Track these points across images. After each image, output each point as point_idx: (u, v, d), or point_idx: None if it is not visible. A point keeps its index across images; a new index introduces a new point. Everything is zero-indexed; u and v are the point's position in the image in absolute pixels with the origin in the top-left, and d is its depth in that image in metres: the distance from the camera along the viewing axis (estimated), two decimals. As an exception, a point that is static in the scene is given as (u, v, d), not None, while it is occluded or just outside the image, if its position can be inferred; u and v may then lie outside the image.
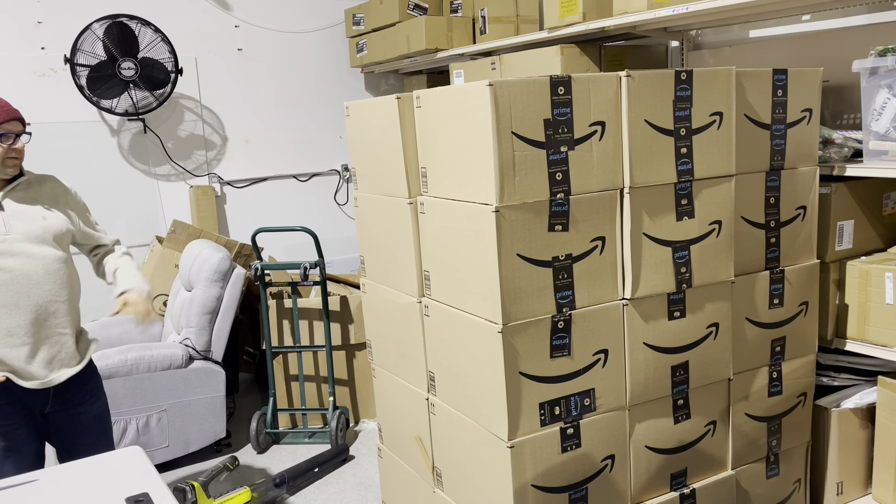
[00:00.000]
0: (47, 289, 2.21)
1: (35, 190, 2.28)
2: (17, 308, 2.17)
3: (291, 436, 3.80)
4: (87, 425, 2.38)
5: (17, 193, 2.24)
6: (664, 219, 2.07)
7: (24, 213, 2.22)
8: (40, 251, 2.21)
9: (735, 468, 2.35)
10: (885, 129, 2.32)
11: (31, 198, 2.26)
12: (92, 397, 2.39)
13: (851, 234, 2.54)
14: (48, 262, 2.22)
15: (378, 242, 2.46)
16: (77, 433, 2.36)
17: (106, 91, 4.12)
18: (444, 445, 2.27)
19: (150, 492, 1.61)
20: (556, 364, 1.97)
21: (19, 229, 2.19)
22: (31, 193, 2.27)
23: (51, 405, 2.30)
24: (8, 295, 2.15)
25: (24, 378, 2.20)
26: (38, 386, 2.22)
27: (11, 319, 2.16)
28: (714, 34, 3.50)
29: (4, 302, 2.15)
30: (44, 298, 2.21)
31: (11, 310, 2.16)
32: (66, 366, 2.27)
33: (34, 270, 2.19)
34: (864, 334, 2.47)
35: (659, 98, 2.01)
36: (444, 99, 2.01)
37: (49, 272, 2.22)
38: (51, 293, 2.22)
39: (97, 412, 2.41)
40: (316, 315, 3.79)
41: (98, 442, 2.40)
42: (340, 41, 5.13)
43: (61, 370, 2.26)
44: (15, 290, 2.16)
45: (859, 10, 2.88)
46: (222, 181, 4.82)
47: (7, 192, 2.22)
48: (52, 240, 2.24)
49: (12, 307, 2.16)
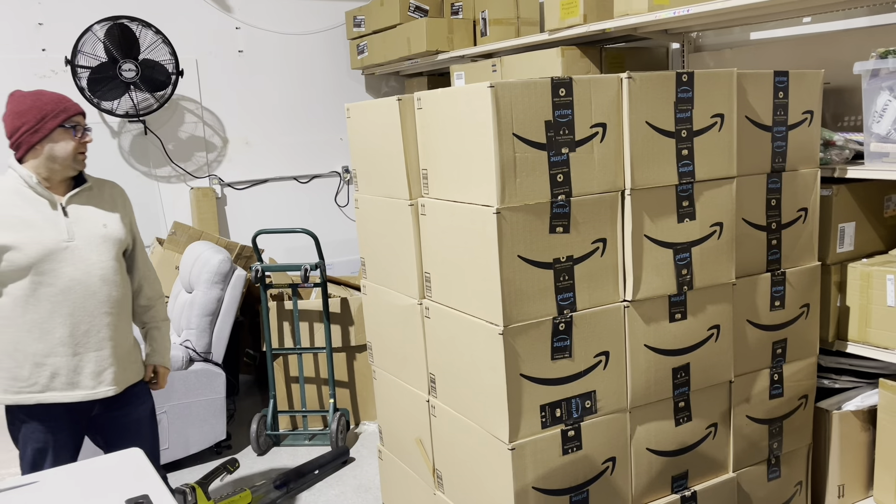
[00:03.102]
0: (102, 298, 2.17)
1: (97, 196, 2.25)
2: (71, 317, 2.13)
3: (292, 438, 3.80)
4: (129, 427, 2.33)
5: (81, 198, 2.20)
6: (665, 221, 2.07)
7: (86, 220, 2.18)
8: (99, 259, 2.17)
9: (736, 471, 2.35)
10: (886, 131, 2.32)
11: (94, 203, 2.22)
12: (137, 400, 2.35)
13: (853, 236, 2.54)
14: (106, 271, 2.18)
15: (379, 244, 2.46)
16: (119, 435, 2.32)
17: (107, 93, 4.12)
18: (444, 447, 2.27)
19: (151, 493, 1.61)
20: (557, 366, 1.97)
21: (82, 235, 2.16)
22: (93, 199, 2.23)
23: (96, 409, 2.27)
24: (65, 303, 2.12)
25: (71, 388, 2.17)
26: (84, 398, 2.19)
27: (65, 329, 2.13)
28: (715, 36, 3.50)
29: (60, 310, 2.12)
30: (98, 309, 2.17)
31: (66, 318, 2.13)
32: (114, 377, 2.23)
33: (91, 280, 2.15)
34: (865, 336, 2.46)
35: (660, 100, 2.01)
36: (445, 100, 2.01)
37: (106, 281, 2.18)
38: (105, 303, 2.18)
39: (139, 416, 2.36)
40: (316, 317, 3.79)
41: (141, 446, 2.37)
42: (341, 43, 5.13)
43: (111, 385, 2.22)
44: (72, 299, 2.13)
45: (860, 12, 2.88)
46: (223, 183, 4.82)
47: (71, 198, 2.18)
48: (111, 248, 2.20)
49: (67, 315, 2.13)
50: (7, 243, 2.07)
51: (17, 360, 2.14)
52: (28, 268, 2.09)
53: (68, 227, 2.14)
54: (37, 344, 2.13)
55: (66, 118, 2.12)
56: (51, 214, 2.14)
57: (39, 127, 2.10)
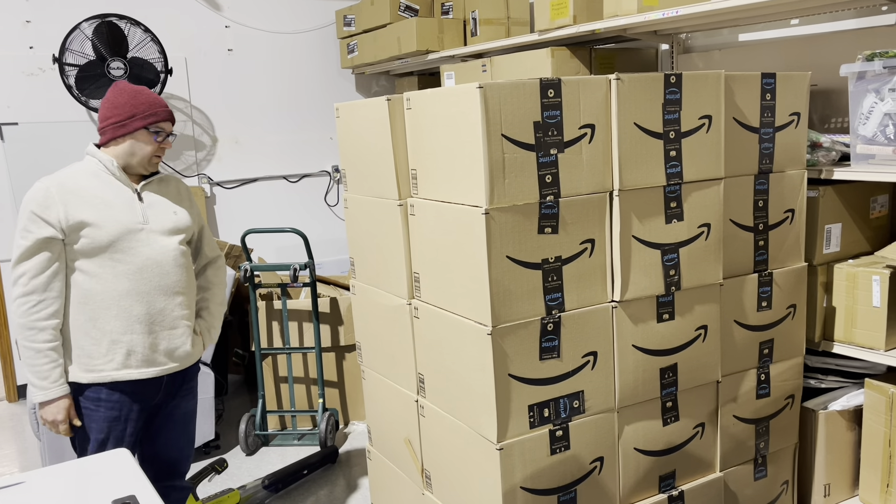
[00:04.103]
0: (175, 279, 2.25)
1: (165, 186, 2.34)
2: (147, 295, 2.20)
3: (281, 438, 3.79)
4: (176, 420, 2.40)
5: (154, 186, 2.30)
6: (653, 221, 2.08)
7: (159, 206, 2.27)
8: (171, 242, 2.25)
9: (723, 470, 2.36)
10: (872, 133, 2.33)
11: (163, 193, 2.31)
12: (190, 394, 2.43)
13: (839, 237, 2.55)
14: (177, 255, 2.26)
15: (368, 244, 2.46)
16: (164, 425, 2.38)
17: (95, 90, 4.10)
18: (433, 447, 2.27)
19: (137, 494, 1.61)
20: (546, 366, 1.97)
21: (155, 220, 2.24)
22: (163, 189, 2.32)
23: (162, 395, 2.32)
24: (142, 282, 2.19)
25: (146, 365, 2.22)
26: (157, 374, 2.25)
27: (141, 307, 2.20)
28: (704, 38, 3.52)
29: (137, 289, 2.19)
30: (171, 289, 2.25)
31: (142, 296, 2.19)
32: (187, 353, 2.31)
33: (166, 260, 2.23)
34: (851, 337, 2.48)
35: (648, 101, 2.02)
36: (434, 101, 2.01)
37: (178, 264, 2.26)
38: (178, 283, 2.26)
39: (187, 410, 2.43)
40: (305, 317, 3.78)
41: (179, 440, 2.43)
42: (331, 42, 5.12)
43: (179, 361, 2.30)
44: (147, 278, 2.20)
45: (847, 14, 2.90)
46: (212, 182, 4.81)
47: (145, 186, 2.27)
48: (181, 234, 2.29)
49: (143, 294, 2.19)
50: (88, 220, 2.13)
51: (95, 337, 2.18)
52: (107, 245, 2.15)
53: (143, 211, 2.23)
54: (115, 321, 2.18)
55: (153, 122, 2.21)
56: (128, 197, 2.22)
57: (127, 123, 2.19)
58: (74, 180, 2.18)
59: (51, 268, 2.13)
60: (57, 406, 2.15)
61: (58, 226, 2.11)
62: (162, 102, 2.26)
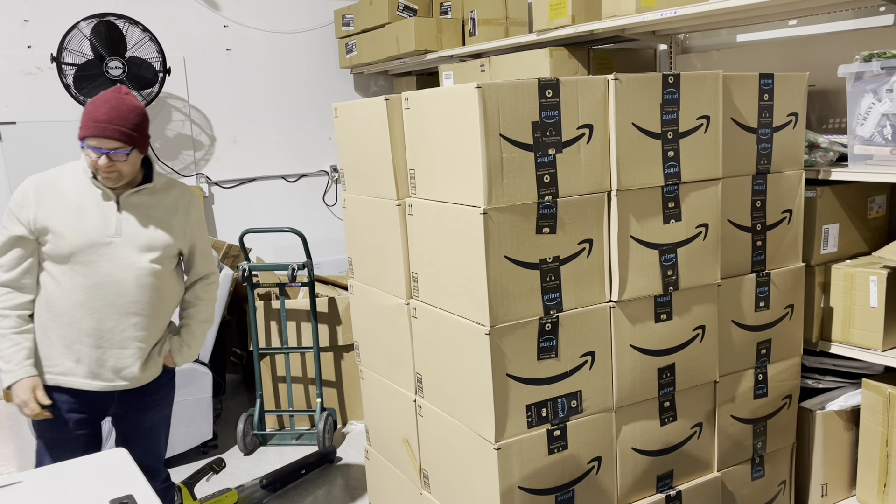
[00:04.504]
0: (132, 299, 2.16)
1: (158, 197, 2.23)
2: (99, 311, 2.14)
3: (279, 437, 3.79)
4: (143, 433, 2.36)
5: (139, 198, 2.20)
6: (651, 222, 2.08)
7: (138, 219, 2.18)
8: (140, 260, 2.16)
9: (721, 470, 2.36)
10: (869, 133, 2.34)
11: (149, 205, 2.21)
12: (156, 407, 2.36)
13: (836, 237, 2.56)
14: (142, 274, 2.17)
15: (366, 244, 2.46)
16: (132, 437, 2.35)
17: (93, 90, 4.09)
18: (431, 447, 2.27)
19: (135, 493, 1.61)
20: (543, 366, 1.98)
21: (129, 233, 2.16)
22: (151, 200, 2.22)
23: (116, 408, 2.28)
24: (95, 297, 2.13)
25: (93, 377, 2.19)
26: (103, 388, 2.20)
27: (91, 322, 2.15)
28: (702, 38, 3.52)
29: (89, 303, 2.14)
30: (126, 308, 2.16)
31: (94, 312, 2.14)
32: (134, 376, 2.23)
33: (126, 279, 2.15)
34: (848, 337, 2.48)
35: (646, 101, 2.02)
36: (432, 101, 2.01)
37: (140, 284, 2.17)
38: (135, 304, 2.17)
39: (156, 422, 2.38)
40: (304, 316, 3.78)
41: (150, 449, 2.39)
42: (330, 42, 5.12)
43: (127, 381, 2.23)
44: (101, 295, 2.14)
45: (845, 15, 2.91)
46: (210, 181, 4.80)
47: (130, 195, 2.18)
48: (156, 251, 2.19)
49: (95, 310, 2.14)
50: (52, 227, 2.11)
51: (49, 339, 2.18)
52: (68, 255, 2.12)
53: (118, 223, 2.15)
54: (66, 329, 2.16)
55: (82, 136, 2.09)
56: (105, 206, 2.15)
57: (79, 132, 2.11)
58: (58, 182, 2.14)
59: (23, 264, 2.13)
60: (21, 386, 2.13)
61: (28, 226, 2.11)
62: (101, 118, 2.07)
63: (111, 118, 2.07)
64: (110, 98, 2.10)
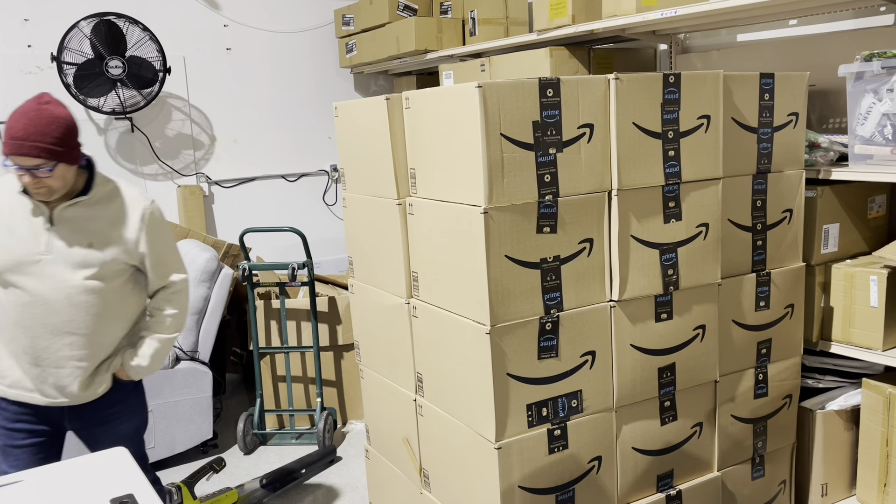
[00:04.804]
0: (65, 319, 2.06)
1: (97, 209, 2.08)
2: (32, 331, 2.07)
3: (279, 437, 3.79)
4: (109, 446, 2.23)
5: (74, 210, 2.06)
6: (652, 221, 2.08)
7: (71, 234, 2.04)
8: (72, 278, 2.04)
9: (721, 469, 2.36)
10: (870, 133, 2.34)
11: (86, 217, 2.06)
12: (118, 419, 2.25)
13: (837, 237, 2.56)
14: (75, 293, 2.05)
15: (366, 243, 2.46)
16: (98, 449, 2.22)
17: (93, 89, 4.09)
18: (431, 447, 2.27)
19: (136, 493, 1.61)
20: (544, 365, 1.98)
21: (60, 250, 2.03)
22: (89, 213, 2.07)
23: (70, 423, 2.22)
24: (26, 316, 2.06)
25: (38, 392, 2.14)
26: (49, 404, 2.15)
27: (26, 340, 2.08)
28: (702, 38, 3.52)
29: (22, 322, 2.07)
30: (59, 328, 2.06)
31: (27, 331, 2.07)
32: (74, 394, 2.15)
33: (56, 298, 2.04)
34: (848, 337, 2.48)
35: (647, 101, 2.02)
36: (433, 100, 2.01)
37: (73, 303, 2.05)
38: (68, 324, 2.06)
39: (124, 433, 2.27)
40: (304, 316, 3.78)
41: None
42: (330, 41, 5.12)
43: (69, 397, 2.15)
44: (32, 314, 2.05)
45: (846, 14, 2.91)
46: (210, 181, 4.80)
47: (64, 208, 2.04)
48: (91, 268, 2.05)
49: (28, 329, 2.07)
50: None
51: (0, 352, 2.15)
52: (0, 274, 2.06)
53: (49, 240, 2.03)
54: (10, 343, 2.12)
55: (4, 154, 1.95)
56: (35, 223, 2.04)
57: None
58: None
59: None
60: None
61: None
62: (18, 134, 1.93)
63: (28, 134, 1.93)
64: (28, 111, 1.96)
